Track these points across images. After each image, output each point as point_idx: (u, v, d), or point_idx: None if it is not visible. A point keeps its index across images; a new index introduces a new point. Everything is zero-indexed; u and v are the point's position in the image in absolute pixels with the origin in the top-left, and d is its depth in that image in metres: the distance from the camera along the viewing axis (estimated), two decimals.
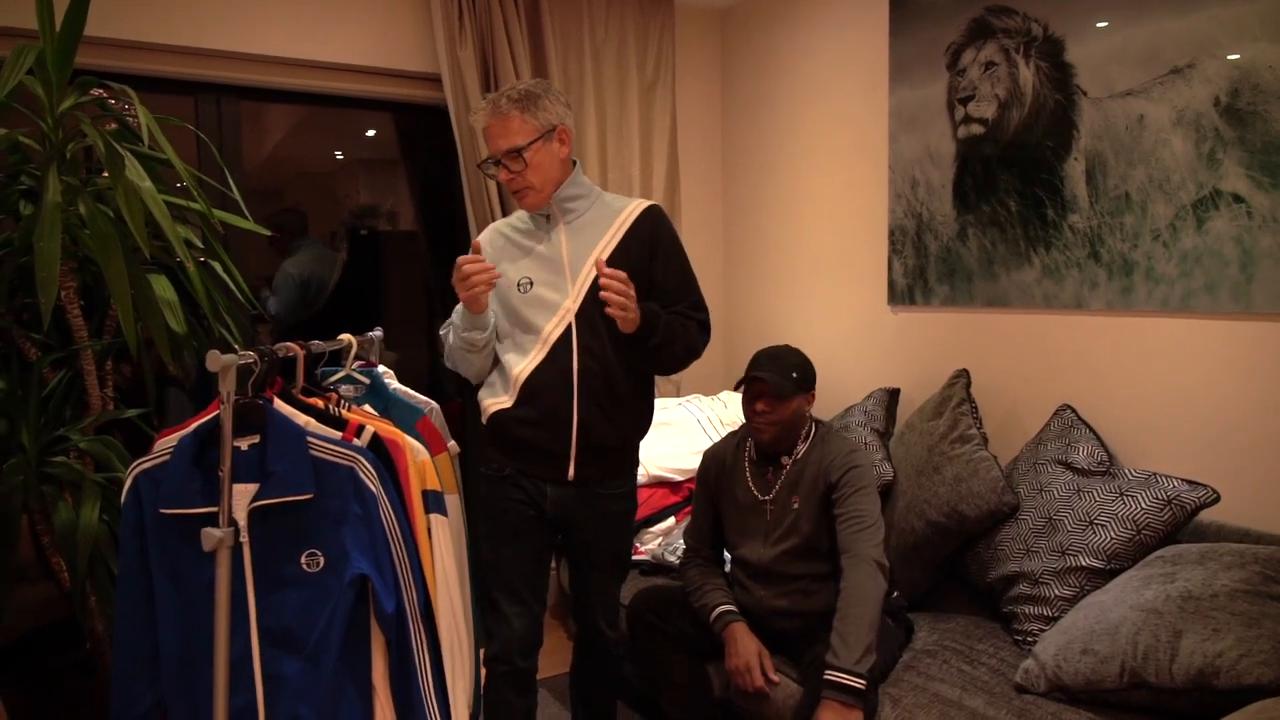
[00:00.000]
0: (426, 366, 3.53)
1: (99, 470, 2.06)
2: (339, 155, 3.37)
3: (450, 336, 1.94)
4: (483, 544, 1.94)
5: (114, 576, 2.02)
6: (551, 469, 1.88)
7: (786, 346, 2.07)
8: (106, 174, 2.10)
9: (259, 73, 2.79)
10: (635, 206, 1.95)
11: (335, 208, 3.46)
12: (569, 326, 1.84)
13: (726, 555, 2.21)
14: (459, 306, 1.86)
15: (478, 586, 1.94)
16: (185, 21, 2.62)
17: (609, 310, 1.77)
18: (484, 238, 1.97)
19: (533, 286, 1.86)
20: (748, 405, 2.04)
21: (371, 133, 3.37)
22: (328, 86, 2.92)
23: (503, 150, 1.82)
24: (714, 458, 2.17)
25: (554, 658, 2.72)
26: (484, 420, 1.94)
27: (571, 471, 1.88)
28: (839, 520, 1.92)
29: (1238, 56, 1.96)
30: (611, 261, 1.86)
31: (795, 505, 2.00)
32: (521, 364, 1.85)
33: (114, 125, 2.02)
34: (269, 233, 2.30)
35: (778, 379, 1.97)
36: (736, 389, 2.07)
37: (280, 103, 3.01)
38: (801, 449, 2.05)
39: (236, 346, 2.16)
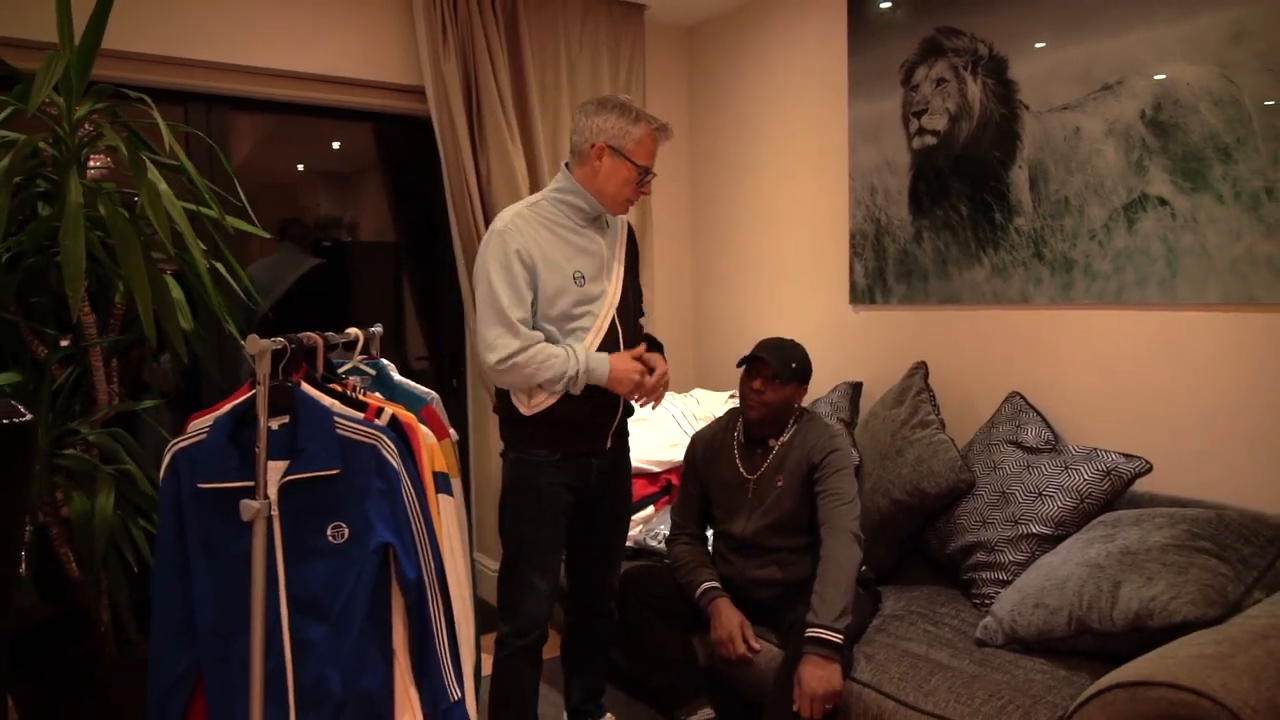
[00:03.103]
0: (400, 373, 3.61)
1: (106, 462, 2.14)
2: (300, 167, 3.45)
3: (548, 366, 1.96)
4: (523, 525, 2.06)
5: (127, 564, 2.10)
6: (596, 443, 2.09)
7: (792, 341, 2.27)
8: (90, 172, 2.19)
9: (249, 83, 2.89)
10: (622, 218, 2.19)
11: (304, 217, 3.52)
12: (614, 319, 2.06)
13: (709, 532, 2.37)
14: (592, 359, 1.97)
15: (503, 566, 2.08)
16: (177, 33, 2.71)
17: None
18: (522, 228, 1.98)
19: (586, 281, 2.02)
20: (745, 383, 2.22)
21: (337, 145, 3.46)
22: (315, 97, 3.03)
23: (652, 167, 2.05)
24: (701, 440, 2.34)
25: None
26: (533, 411, 2.02)
27: (609, 441, 2.10)
28: (820, 497, 2.09)
29: (1161, 75, 2.20)
30: (625, 267, 2.13)
31: (779, 483, 2.17)
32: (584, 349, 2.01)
33: (124, 132, 2.11)
34: (268, 235, 2.40)
35: (779, 363, 2.16)
36: (740, 366, 2.26)
37: (269, 113, 3.11)
38: (788, 434, 2.23)
39: (243, 343, 2.26)
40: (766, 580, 2.18)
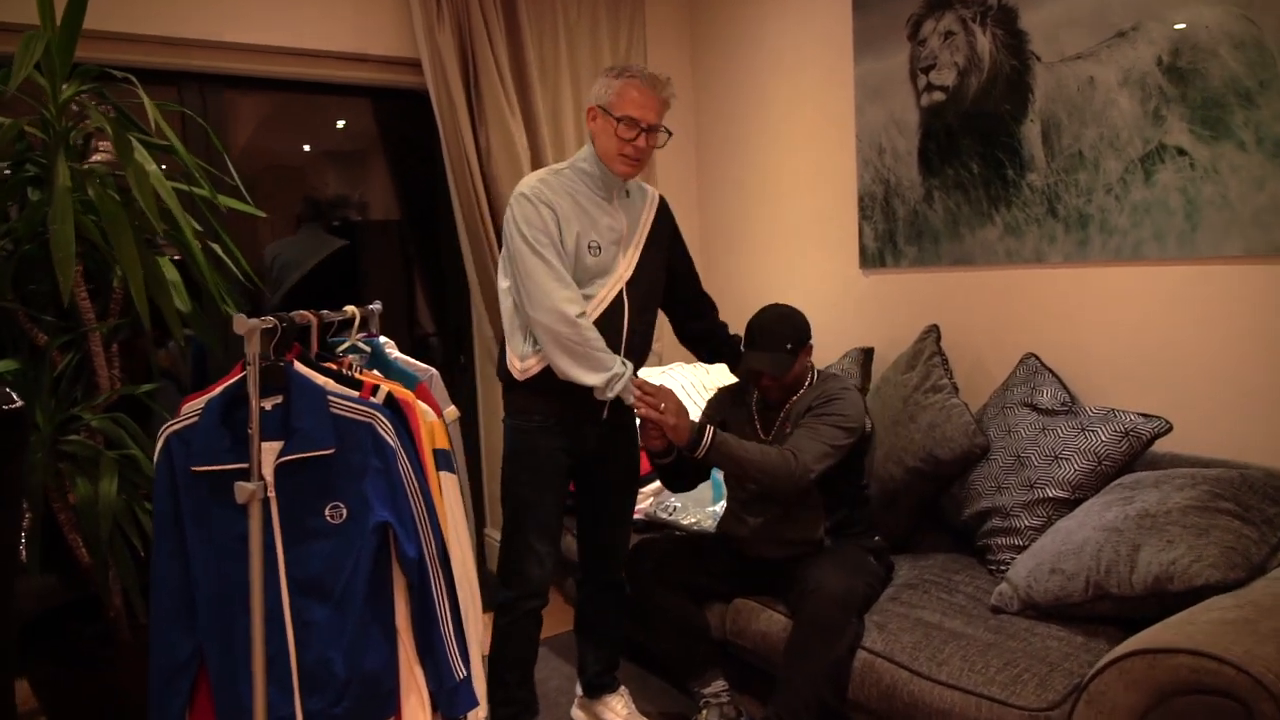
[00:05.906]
0: (410, 350, 3.60)
1: (110, 447, 2.14)
2: (306, 148, 3.41)
3: (596, 353, 1.97)
4: (522, 489, 2.07)
5: (133, 548, 2.10)
6: (593, 411, 2.06)
7: (775, 311, 2.18)
8: (96, 159, 2.16)
9: (241, 61, 2.85)
10: (654, 193, 2.20)
11: (307, 196, 3.48)
12: (621, 292, 2.04)
13: (718, 504, 2.35)
14: (625, 374, 1.97)
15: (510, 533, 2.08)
16: (165, 11, 2.66)
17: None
18: (543, 190, 2.00)
19: (601, 252, 2.02)
20: (753, 380, 2.17)
21: (342, 123, 3.41)
22: (309, 73, 2.98)
23: (653, 123, 2.01)
24: (726, 391, 2.39)
25: (552, 619, 2.82)
26: (524, 376, 2.02)
27: (606, 413, 2.08)
28: (800, 428, 2.08)
29: (1178, 18, 2.10)
30: (648, 242, 2.10)
31: (788, 432, 2.16)
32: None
33: (113, 112, 2.08)
34: (263, 214, 2.37)
35: (775, 360, 2.09)
36: (735, 372, 2.26)
37: (264, 90, 3.06)
38: (802, 391, 2.21)
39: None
40: (774, 537, 2.16)
